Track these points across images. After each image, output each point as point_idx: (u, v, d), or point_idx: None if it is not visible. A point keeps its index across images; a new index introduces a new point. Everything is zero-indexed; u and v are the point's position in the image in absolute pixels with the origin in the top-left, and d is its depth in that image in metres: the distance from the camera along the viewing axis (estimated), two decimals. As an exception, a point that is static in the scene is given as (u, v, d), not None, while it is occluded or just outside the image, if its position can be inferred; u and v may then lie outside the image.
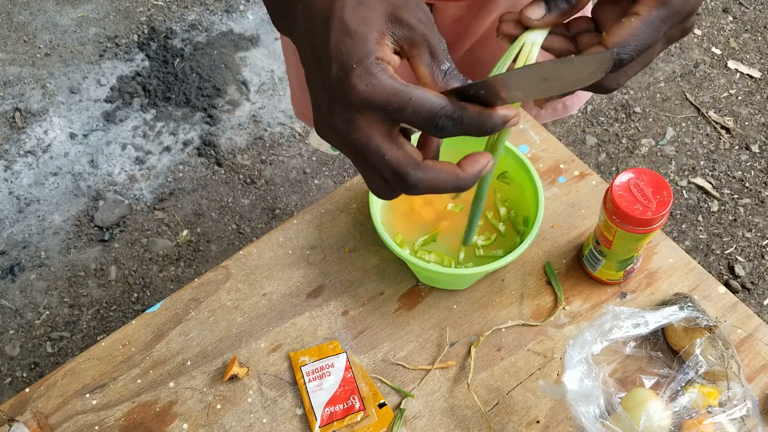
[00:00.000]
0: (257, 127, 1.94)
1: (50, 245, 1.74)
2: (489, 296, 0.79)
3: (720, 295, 0.79)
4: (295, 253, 0.83)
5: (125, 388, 0.75)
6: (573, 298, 0.79)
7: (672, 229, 1.76)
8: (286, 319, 0.79)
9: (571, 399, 0.63)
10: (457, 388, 0.74)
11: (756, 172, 1.86)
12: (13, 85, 2.01)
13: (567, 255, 0.82)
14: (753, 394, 0.66)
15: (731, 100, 2.00)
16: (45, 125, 1.93)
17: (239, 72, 2.04)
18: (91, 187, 1.83)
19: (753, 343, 0.75)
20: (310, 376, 0.74)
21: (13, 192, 1.82)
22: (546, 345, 0.76)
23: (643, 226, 0.68)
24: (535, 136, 0.91)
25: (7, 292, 1.67)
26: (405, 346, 0.77)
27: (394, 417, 0.72)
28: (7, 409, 0.74)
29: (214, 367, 0.76)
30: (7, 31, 2.13)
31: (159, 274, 1.69)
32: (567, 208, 0.85)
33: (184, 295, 0.81)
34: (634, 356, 0.73)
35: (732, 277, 1.68)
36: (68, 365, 0.77)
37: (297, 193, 1.83)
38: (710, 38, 2.13)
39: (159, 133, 1.92)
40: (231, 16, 2.17)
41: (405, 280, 0.81)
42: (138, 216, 1.78)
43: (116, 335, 0.78)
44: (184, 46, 2.08)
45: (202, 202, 1.81)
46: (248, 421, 0.73)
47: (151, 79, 2.01)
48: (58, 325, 1.62)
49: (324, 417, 0.72)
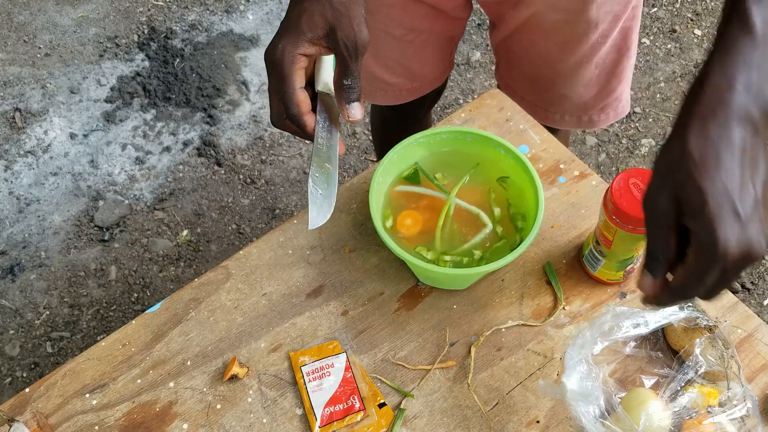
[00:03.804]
0: (257, 127, 1.94)
1: (50, 245, 1.74)
2: (489, 296, 0.79)
3: (720, 295, 0.79)
4: (295, 253, 0.83)
5: (125, 388, 0.75)
6: (573, 298, 0.79)
7: (672, 229, 1.76)
8: (286, 319, 0.79)
9: (571, 399, 0.63)
10: (457, 388, 0.74)
11: (756, 172, 1.86)
12: (13, 85, 2.01)
13: (567, 255, 0.82)
14: (753, 394, 0.66)
15: (731, 100, 2.00)
16: (45, 125, 1.93)
17: (239, 72, 2.04)
18: (91, 187, 1.83)
19: (753, 343, 0.75)
20: (310, 376, 0.74)
21: (13, 192, 1.82)
22: (546, 345, 0.76)
23: (643, 226, 0.68)
24: (535, 137, 0.91)
25: (7, 292, 1.67)
26: (405, 346, 0.77)
27: (394, 417, 0.72)
28: (7, 409, 0.74)
29: (214, 367, 0.76)
30: (7, 31, 2.13)
31: (159, 274, 1.69)
32: (567, 208, 0.85)
33: (184, 295, 0.81)
34: (634, 356, 0.73)
35: (732, 277, 1.68)
36: (68, 365, 0.77)
37: (297, 193, 1.83)
38: (710, 38, 2.13)
39: (159, 133, 1.92)
40: (231, 16, 2.17)
41: (405, 280, 0.81)
42: (138, 216, 1.78)
43: (116, 335, 0.78)
44: (184, 46, 2.08)
45: (202, 202, 1.81)
46: (248, 421, 0.73)
47: (151, 79, 2.01)
48: (58, 325, 1.62)
49: (324, 417, 0.72)
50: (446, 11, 0.98)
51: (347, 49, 0.62)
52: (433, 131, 0.81)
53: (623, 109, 1.07)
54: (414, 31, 1.00)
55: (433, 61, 1.08)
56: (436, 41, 1.04)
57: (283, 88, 0.63)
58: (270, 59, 0.64)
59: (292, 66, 0.63)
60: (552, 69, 1.00)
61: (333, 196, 0.67)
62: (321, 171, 0.66)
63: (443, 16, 0.98)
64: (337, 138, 0.67)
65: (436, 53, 1.06)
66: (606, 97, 1.03)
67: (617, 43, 0.96)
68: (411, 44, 1.01)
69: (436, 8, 0.97)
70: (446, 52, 1.08)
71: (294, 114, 0.64)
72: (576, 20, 0.91)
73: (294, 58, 0.62)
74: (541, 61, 1.00)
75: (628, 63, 1.00)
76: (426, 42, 1.02)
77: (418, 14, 0.97)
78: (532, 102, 1.05)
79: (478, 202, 0.80)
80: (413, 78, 1.08)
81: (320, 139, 0.66)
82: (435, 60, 1.08)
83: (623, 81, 1.03)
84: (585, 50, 0.95)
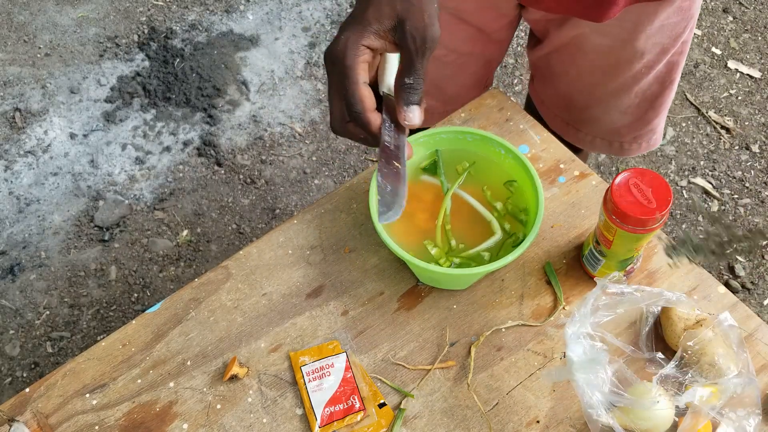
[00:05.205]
0: (257, 127, 1.94)
1: (50, 245, 1.74)
2: (489, 296, 0.79)
3: (720, 295, 0.79)
4: (295, 253, 0.83)
5: (125, 388, 0.75)
6: (573, 298, 0.79)
7: (672, 229, 1.76)
8: (286, 319, 0.79)
9: (577, 370, 0.62)
10: (457, 388, 0.74)
11: (756, 172, 1.86)
12: (13, 85, 2.01)
13: (567, 255, 0.82)
14: (758, 384, 0.66)
15: (731, 100, 2.00)
16: (45, 125, 1.93)
17: (239, 72, 2.04)
18: (91, 187, 1.83)
19: (753, 343, 0.75)
20: (310, 376, 0.74)
21: (13, 192, 1.82)
22: (546, 345, 0.76)
23: (643, 226, 0.68)
24: (535, 136, 0.91)
25: (7, 292, 1.67)
26: (405, 346, 0.77)
27: (394, 417, 0.72)
28: (7, 409, 0.74)
29: (214, 367, 0.76)
30: (7, 31, 2.13)
31: (159, 274, 1.69)
32: (567, 208, 0.85)
33: (184, 295, 0.81)
34: (634, 356, 0.73)
35: (732, 277, 1.68)
36: (68, 365, 0.77)
37: (297, 193, 1.83)
38: (710, 38, 2.13)
39: (159, 133, 1.92)
40: (231, 16, 2.17)
41: (405, 280, 0.81)
42: (138, 216, 1.78)
43: (116, 335, 0.78)
44: (184, 46, 2.08)
45: (202, 202, 1.81)
46: (248, 421, 0.73)
47: (151, 79, 2.01)
48: (58, 325, 1.62)
49: (324, 417, 0.72)
50: (489, 33, 0.95)
51: (414, 42, 0.57)
52: (433, 131, 0.81)
53: (656, 142, 1.04)
54: (454, 52, 0.97)
55: (469, 85, 1.04)
56: (474, 64, 1.01)
57: (346, 83, 0.58)
58: (331, 55, 0.59)
59: (355, 59, 0.58)
60: (590, 92, 0.97)
61: (404, 193, 0.63)
62: (389, 168, 0.63)
63: (485, 38, 0.96)
64: (404, 140, 0.63)
65: (472, 77, 1.03)
66: (641, 127, 1.01)
67: (661, 76, 0.93)
68: (448, 66, 0.99)
69: (481, 30, 0.94)
70: (483, 75, 1.05)
71: (358, 111, 0.59)
72: (622, 48, 0.88)
73: (358, 50, 0.58)
74: (579, 83, 0.97)
75: (668, 97, 0.98)
76: (465, 65, 1.00)
77: (461, 35, 0.94)
78: (564, 120, 1.03)
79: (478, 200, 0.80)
80: (446, 101, 1.03)
81: (387, 137, 0.62)
82: (471, 84, 1.04)
83: (660, 114, 1.00)
84: (627, 78, 0.92)
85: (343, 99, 0.59)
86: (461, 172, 0.82)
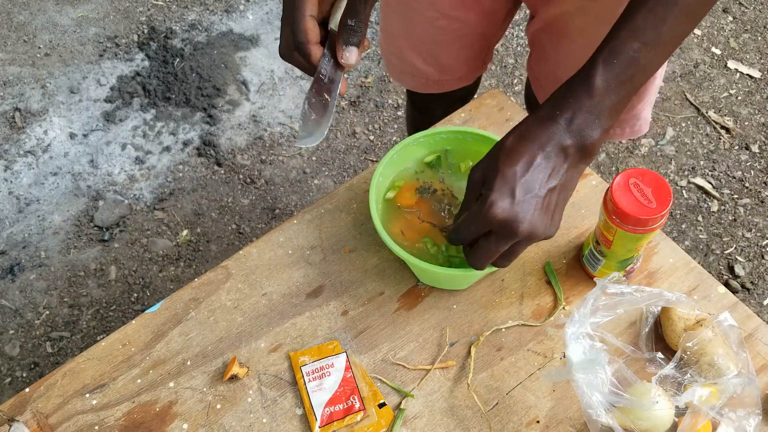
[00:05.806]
0: (257, 127, 1.94)
1: (50, 245, 1.73)
2: (489, 296, 0.79)
3: (720, 295, 0.79)
4: (295, 253, 0.83)
5: (125, 388, 0.75)
6: (573, 298, 0.79)
7: (672, 229, 1.76)
8: (286, 319, 0.79)
9: (576, 370, 0.62)
10: (457, 388, 0.74)
11: (756, 172, 1.86)
12: (13, 85, 2.01)
13: (567, 255, 0.82)
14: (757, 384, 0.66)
15: (731, 100, 2.00)
16: (45, 125, 1.93)
17: (239, 72, 2.04)
18: (91, 187, 1.83)
19: (753, 343, 0.75)
20: (310, 376, 0.74)
21: (13, 192, 1.82)
22: (546, 345, 0.76)
23: (643, 226, 0.68)
24: (535, 136, 0.91)
25: (7, 292, 1.67)
26: (405, 346, 0.77)
27: (394, 417, 0.72)
28: (7, 409, 0.74)
29: (214, 367, 0.76)
30: (7, 31, 2.13)
31: (159, 274, 1.69)
32: (567, 208, 0.85)
33: (184, 295, 0.81)
34: (634, 356, 0.73)
35: (732, 277, 1.68)
36: (68, 365, 0.77)
37: (297, 193, 1.83)
38: (710, 38, 2.13)
39: (159, 133, 1.92)
40: (231, 16, 2.17)
41: (405, 280, 0.81)
42: (138, 216, 1.78)
43: (116, 335, 0.78)
44: (184, 46, 2.08)
45: (202, 202, 1.81)
46: (248, 421, 0.73)
47: (151, 79, 2.01)
48: (58, 325, 1.62)
49: (324, 417, 0.72)
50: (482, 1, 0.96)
51: None
52: (433, 131, 0.81)
53: (640, 128, 1.04)
54: (446, 17, 0.98)
55: (463, 58, 1.07)
56: (469, 36, 1.02)
57: (294, 14, 0.63)
58: None
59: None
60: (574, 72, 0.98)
61: (327, 124, 0.66)
62: (318, 98, 0.66)
63: (478, 7, 0.97)
64: (340, 75, 0.66)
65: (466, 49, 1.05)
66: (625, 112, 1.00)
67: None
68: (442, 32, 1.00)
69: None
70: (478, 50, 1.07)
71: (300, 41, 0.63)
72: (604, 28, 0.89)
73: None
74: (566, 62, 0.97)
75: (652, 83, 0.98)
76: (458, 34, 1.01)
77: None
78: None
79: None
80: (441, 70, 1.07)
81: (323, 70, 0.65)
82: (465, 56, 1.07)
83: (644, 100, 1.00)
84: None
85: (290, 28, 0.64)
86: (464, 171, 0.82)
